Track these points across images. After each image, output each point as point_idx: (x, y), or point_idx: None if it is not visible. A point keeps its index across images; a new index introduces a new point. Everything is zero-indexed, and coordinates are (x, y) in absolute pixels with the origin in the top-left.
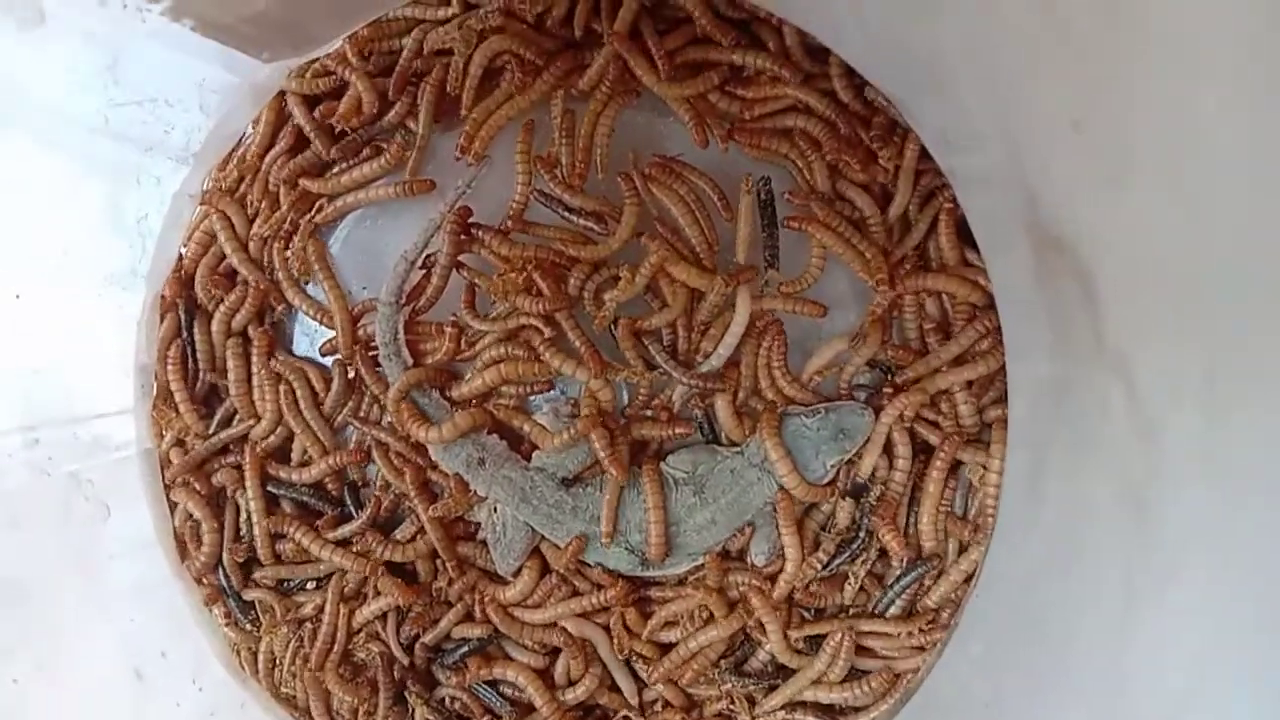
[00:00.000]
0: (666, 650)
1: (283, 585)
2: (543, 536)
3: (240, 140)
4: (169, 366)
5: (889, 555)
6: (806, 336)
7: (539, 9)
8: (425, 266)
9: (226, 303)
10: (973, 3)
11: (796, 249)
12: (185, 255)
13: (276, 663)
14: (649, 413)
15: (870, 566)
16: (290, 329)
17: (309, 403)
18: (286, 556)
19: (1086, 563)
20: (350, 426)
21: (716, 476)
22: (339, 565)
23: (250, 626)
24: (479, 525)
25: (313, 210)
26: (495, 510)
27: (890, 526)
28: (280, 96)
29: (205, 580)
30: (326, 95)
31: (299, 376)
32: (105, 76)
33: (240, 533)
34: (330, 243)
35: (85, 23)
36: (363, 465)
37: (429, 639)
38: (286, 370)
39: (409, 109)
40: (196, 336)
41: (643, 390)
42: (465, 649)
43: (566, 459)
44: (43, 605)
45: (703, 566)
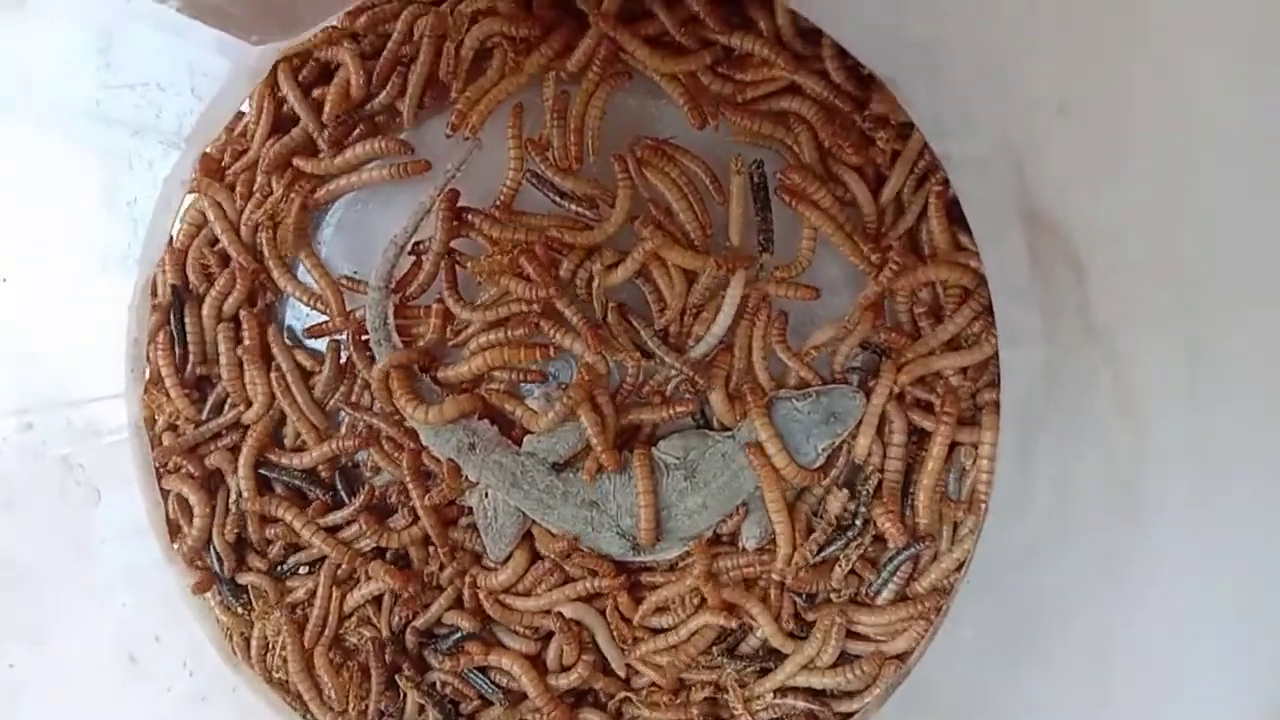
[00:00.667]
0: (658, 636)
1: (276, 570)
2: (534, 522)
3: (232, 124)
4: (159, 351)
5: (882, 539)
6: (801, 322)
7: None
8: (415, 252)
9: (217, 287)
10: None
11: (789, 234)
12: (176, 239)
13: (269, 647)
14: (641, 398)
15: (864, 551)
16: (281, 314)
17: (301, 387)
18: (277, 537)
19: (1075, 548)
20: (342, 412)
21: (708, 461)
22: (325, 551)
23: (242, 610)
24: (471, 509)
25: (303, 188)
26: (486, 495)
27: (889, 513)
28: (272, 80)
29: (196, 563)
30: (316, 82)
31: (290, 361)
32: (98, 60)
33: (230, 510)
34: (322, 226)
35: (77, 5)
36: (356, 451)
37: (420, 623)
38: (279, 354)
39: (399, 92)
40: (187, 321)
41: (630, 374)
42: (458, 635)
43: (557, 444)
44: (37, 589)
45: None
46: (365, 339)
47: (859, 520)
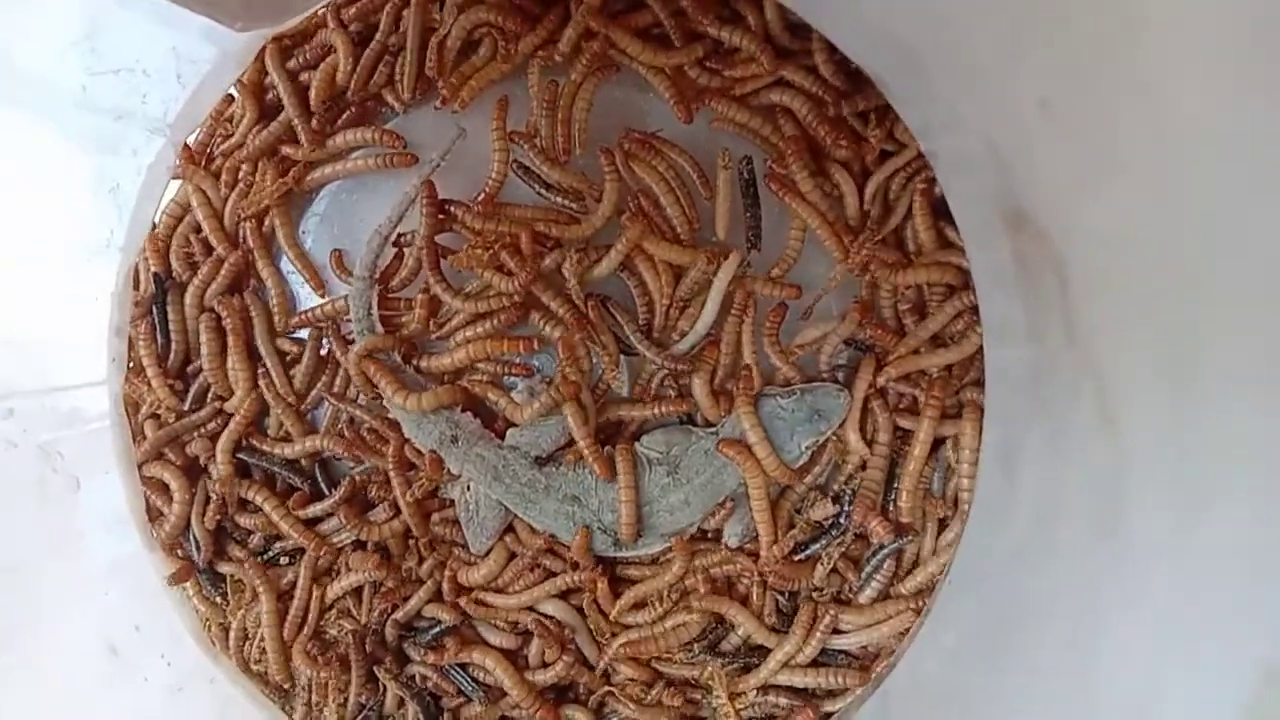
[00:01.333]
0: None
1: (258, 558)
2: (515, 515)
3: (218, 110)
4: (141, 339)
5: (865, 538)
6: (789, 320)
7: None
8: (398, 244)
9: (200, 276)
10: None
11: (776, 230)
12: (158, 226)
13: (248, 638)
14: (625, 394)
15: (845, 549)
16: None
17: (283, 378)
18: (257, 527)
19: (1057, 552)
20: (324, 402)
21: (690, 457)
22: (300, 543)
23: (220, 600)
24: (451, 502)
25: (289, 176)
26: (468, 489)
27: (873, 513)
28: (259, 67)
29: (176, 551)
30: (304, 68)
31: (273, 352)
32: (84, 45)
33: (211, 497)
34: (307, 215)
35: None
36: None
37: (400, 616)
38: (261, 345)
39: (386, 80)
40: (170, 310)
41: (607, 365)
42: (438, 628)
43: (540, 437)
44: (13, 578)
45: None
46: (348, 333)
47: (842, 518)
